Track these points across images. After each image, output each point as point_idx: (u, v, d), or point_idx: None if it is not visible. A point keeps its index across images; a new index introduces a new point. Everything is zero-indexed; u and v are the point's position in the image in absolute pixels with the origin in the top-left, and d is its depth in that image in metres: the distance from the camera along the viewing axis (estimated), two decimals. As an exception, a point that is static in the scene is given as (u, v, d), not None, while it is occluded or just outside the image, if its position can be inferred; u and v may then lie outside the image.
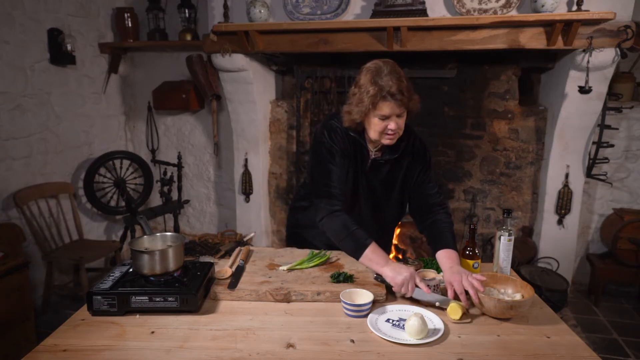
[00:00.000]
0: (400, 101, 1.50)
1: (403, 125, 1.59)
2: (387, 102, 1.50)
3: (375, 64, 1.55)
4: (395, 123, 1.54)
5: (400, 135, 1.61)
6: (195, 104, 3.81)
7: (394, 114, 1.52)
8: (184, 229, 4.26)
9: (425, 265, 1.64)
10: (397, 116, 1.54)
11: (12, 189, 2.95)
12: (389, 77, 1.49)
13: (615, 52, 2.72)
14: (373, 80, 1.50)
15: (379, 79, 1.49)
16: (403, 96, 1.49)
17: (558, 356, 1.19)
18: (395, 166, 1.72)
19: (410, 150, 1.72)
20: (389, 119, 1.54)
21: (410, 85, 1.54)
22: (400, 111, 1.53)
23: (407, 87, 1.51)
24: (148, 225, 1.59)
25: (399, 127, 1.56)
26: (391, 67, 1.53)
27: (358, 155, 1.69)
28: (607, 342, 2.82)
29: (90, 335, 1.27)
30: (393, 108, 1.51)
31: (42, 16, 3.12)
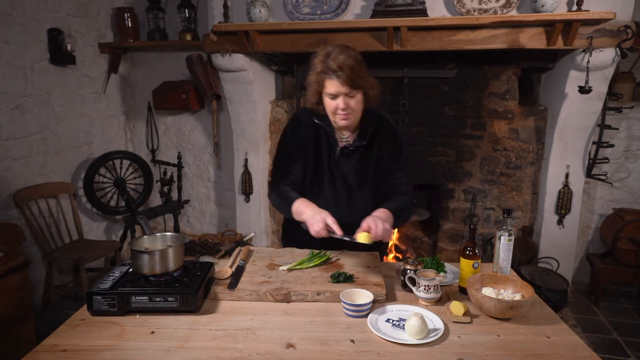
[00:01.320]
0: (343, 79, 1.52)
1: (356, 106, 1.60)
2: (332, 79, 1.53)
3: (328, 47, 1.59)
4: (344, 102, 1.56)
5: (357, 118, 1.64)
6: (195, 104, 3.81)
7: (340, 92, 1.55)
8: (184, 229, 4.26)
9: (425, 265, 1.64)
10: (347, 95, 1.56)
11: (12, 189, 2.95)
12: (336, 56, 1.53)
13: (615, 52, 2.72)
14: (321, 60, 1.56)
15: (326, 59, 1.54)
16: (344, 74, 1.51)
17: (558, 356, 1.19)
18: (366, 154, 1.72)
19: (381, 137, 1.71)
20: (338, 98, 1.56)
21: (360, 67, 1.56)
22: (346, 90, 1.55)
23: (353, 67, 1.53)
24: (148, 225, 1.59)
25: (349, 106, 1.57)
26: (342, 49, 1.57)
27: (324, 143, 1.72)
28: (607, 342, 2.82)
29: (90, 335, 1.27)
30: (338, 86, 1.53)
31: (42, 16, 3.12)
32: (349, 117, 1.61)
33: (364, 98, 1.62)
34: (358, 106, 1.61)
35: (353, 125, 1.67)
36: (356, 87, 1.56)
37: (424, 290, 1.44)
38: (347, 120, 1.61)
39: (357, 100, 1.59)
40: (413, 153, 3.45)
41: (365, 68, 1.59)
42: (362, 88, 1.59)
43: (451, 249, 3.58)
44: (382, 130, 1.72)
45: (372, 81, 1.61)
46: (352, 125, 1.67)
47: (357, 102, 1.60)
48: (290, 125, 1.78)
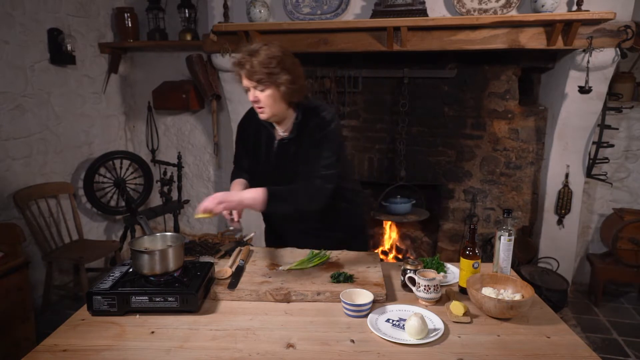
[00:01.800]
0: (246, 74, 1.58)
1: (268, 101, 1.62)
2: (242, 72, 1.60)
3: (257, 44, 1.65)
4: (254, 95, 1.62)
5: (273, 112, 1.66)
6: (195, 104, 3.81)
7: (247, 86, 1.62)
8: (184, 229, 4.26)
9: (426, 265, 1.64)
10: (255, 89, 1.61)
11: (12, 189, 2.95)
12: (245, 51, 1.60)
13: (615, 52, 2.72)
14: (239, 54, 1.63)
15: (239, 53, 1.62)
16: (246, 69, 1.57)
17: (558, 356, 1.19)
18: (299, 146, 1.74)
19: (310, 129, 1.71)
20: (250, 90, 1.63)
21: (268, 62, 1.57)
22: (250, 84, 1.60)
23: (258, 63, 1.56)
24: (148, 225, 1.59)
25: (259, 100, 1.62)
26: (260, 45, 1.62)
27: (264, 137, 1.80)
28: (607, 342, 2.82)
29: (90, 335, 1.27)
30: (245, 80, 1.61)
31: (42, 16, 3.12)
32: (264, 111, 1.65)
33: (277, 93, 1.63)
34: (269, 101, 1.63)
35: (274, 118, 1.70)
36: (258, 81, 1.59)
37: (424, 290, 1.44)
38: (262, 113, 1.66)
39: (267, 95, 1.62)
40: (413, 153, 3.46)
41: (278, 65, 1.59)
42: (269, 84, 1.60)
43: (451, 249, 3.58)
44: (312, 122, 1.71)
45: (284, 77, 1.60)
46: (273, 119, 1.71)
47: (267, 97, 1.62)
48: (241, 121, 1.92)
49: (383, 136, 3.53)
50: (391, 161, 3.53)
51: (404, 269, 1.54)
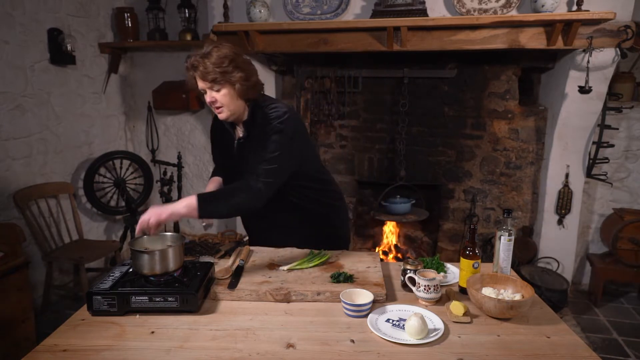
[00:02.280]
0: (199, 76, 1.60)
1: (225, 100, 1.64)
2: (193, 75, 1.63)
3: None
4: (210, 96, 1.64)
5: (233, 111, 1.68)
6: (195, 104, 3.81)
7: (204, 87, 1.63)
8: (184, 229, 4.26)
9: (426, 265, 1.64)
10: (212, 89, 1.63)
11: (12, 189, 2.95)
12: (196, 54, 1.61)
13: (615, 52, 2.72)
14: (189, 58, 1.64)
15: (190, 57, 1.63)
16: (200, 71, 1.59)
17: (558, 356, 1.19)
18: (252, 145, 1.74)
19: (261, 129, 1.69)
20: (206, 92, 1.64)
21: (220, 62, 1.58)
22: (204, 85, 1.62)
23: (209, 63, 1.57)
24: (148, 225, 1.59)
25: (216, 100, 1.63)
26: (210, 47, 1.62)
27: (227, 138, 1.82)
28: (607, 342, 2.82)
29: (90, 335, 1.27)
30: (199, 82, 1.63)
31: (42, 16, 3.12)
32: (222, 111, 1.67)
33: (233, 92, 1.64)
34: (226, 99, 1.64)
35: (233, 117, 1.71)
36: (215, 82, 1.61)
37: (424, 290, 1.44)
38: (221, 113, 1.68)
39: (223, 95, 1.63)
40: (413, 153, 3.46)
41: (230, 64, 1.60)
42: (222, 83, 1.61)
43: (451, 249, 3.58)
44: (261, 121, 1.70)
45: (238, 75, 1.62)
46: (232, 117, 1.72)
47: (223, 96, 1.64)
48: (212, 122, 1.95)
49: (383, 136, 3.53)
50: (391, 161, 3.53)
51: (404, 269, 1.54)
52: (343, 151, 3.64)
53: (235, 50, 1.66)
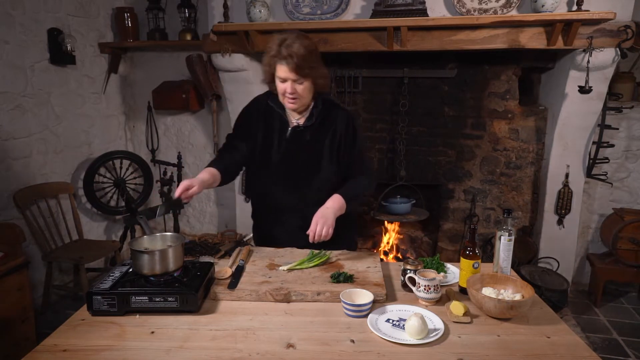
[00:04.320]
0: (292, 66, 1.61)
1: (304, 92, 1.68)
2: (282, 65, 1.63)
3: (285, 33, 1.69)
4: (292, 87, 1.66)
5: (304, 103, 1.73)
6: (195, 104, 3.81)
7: (288, 78, 1.64)
8: (184, 229, 4.26)
9: (426, 265, 1.64)
10: (295, 81, 1.65)
11: (12, 189, 2.95)
12: (290, 44, 1.62)
13: (615, 52, 2.72)
14: (276, 45, 1.65)
15: (280, 44, 1.63)
16: (293, 62, 1.60)
17: (558, 356, 1.19)
18: (317, 134, 1.78)
19: (334, 121, 1.78)
20: (286, 82, 1.66)
21: (312, 57, 1.64)
22: (294, 76, 1.64)
23: (304, 56, 1.61)
24: (148, 225, 1.59)
25: (296, 92, 1.67)
26: (296, 37, 1.65)
27: (277, 124, 1.82)
28: (607, 342, 2.82)
29: (90, 335, 1.27)
30: (286, 72, 1.63)
31: (42, 16, 3.12)
32: (296, 102, 1.71)
33: (312, 85, 1.70)
34: (305, 92, 1.69)
35: (300, 108, 1.76)
36: (304, 75, 1.64)
37: (424, 290, 1.44)
38: (294, 104, 1.71)
39: (304, 87, 1.68)
40: (413, 153, 3.46)
41: (316, 58, 1.68)
42: (310, 77, 1.67)
43: (451, 249, 3.58)
44: (334, 115, 1.79)
45: (322, 71, 1.71)
46: (300, 109, 1.76)
47: (304, 89, 1.68)
48: (246, 106, 1.92)
49: (383, 136, 3.53)
50: (391, 161, 3.53)
51: (404, 269, 1.54)
52: (343, 151, 3.64)
53: (315, 43, 1.71)
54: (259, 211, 1.99)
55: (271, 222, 1.92)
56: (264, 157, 1.83)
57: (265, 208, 1.93)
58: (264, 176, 1.85)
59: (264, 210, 1.95)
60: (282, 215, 1.86)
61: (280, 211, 1.86)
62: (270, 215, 1.91)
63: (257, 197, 1.96)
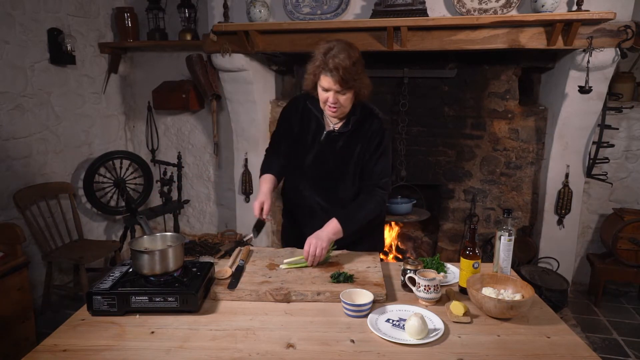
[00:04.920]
0: (337, 79, 1.60)
1: (346, 102, 1.68)
2: (326, 76, 1.62)
3: (331, 42, 1.68)
4: (334, 98, 1.65)
5: (344, 112, 1.73)
6: (195, 104, 3.81)
7: (332, 88, 1.64)
8: (184, 229, 4.26)
9: (426, 265, 1.64)
10: (338, 92, 1.64)
11: (12, 189, 2.95)
12: (335, 54, 1.61)
13: (615, 52, 2.72)
14: (322, 55, 1.64)
15: (327, 54, 1.63)
16: (338, 74, 1.59)
17: (558, 356, 1.19)
18: (349, 141, 1.79)
19: (366, 129, 1.78)
20: (329, 92, 1.65)
21: (357, 68, 1.63)
22: (338, 88, 1.63)
23: (349, 69, 1.60)
24: (148, 225, 1.59)
25: (338, 102, 1.66)
26: (342, 47, 1.64)
27: (313, 125, 1.83)
28: (607, 342, 2.82)
29: (90, 335, 1.27)
30: (330, 83, 1.62)
31: (42, 16, 3.12)
32: (337, 111, 1.70)
33: (354, 96, 1.70)
34: (347, 102, 1.69)
35: (341, 116, 1.76)
36: (348, 87, 1.64)
37: (424, 290, 1.44)
38: (335, 113, 1.72)
39: (347, 97, 1.67)
40: (413, 153, 3.45)
41: (361, 69, 1.66)
42: (354, 88, 1.66)
43: (451, 249, 3.58)
44: (369, 123, 1.78)
45: (366, 82, 1.69)
46: (340, 116, 1.76)
47: (346, 99, 1.68)
48: (286, 106, 1.95)
49: (383, 136, 3.53)
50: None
51: (404, 269, 1.54)
52: (343, 151, 3.64)
53: (359, 52, 1.68)
54: (290, 209, 2.02)
55: (301, 221, 1.95)
56: (297, 157, 1.87)
57: (296, 207, 1.97)
58: (297, 175, 1.89)
59: (295, 209, 1.98)
60: (311, 215, 1.88)
61: (310, 211, 1.89)
62: (300, 215, 1.95)
63: (289, 196, 1.99)
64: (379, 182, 1.78)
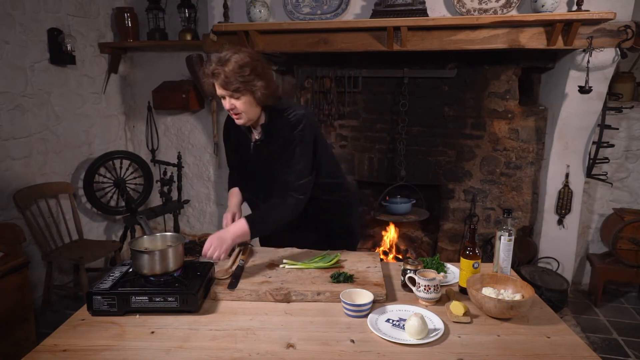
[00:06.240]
0: (220, 84, 1.61)
1: (244, 107, 1.66)
2: (214, 83, 1.63)
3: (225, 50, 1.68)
4: (230, 103, 1.65)
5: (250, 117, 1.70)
6: (195, 104, 3.81)
7: (223, 94, 1.64)
8: (184, 229, 4.26)
9: (426, 265, 1.64)
10: (231, 97, 1.63)
11: (12, 189, 2.95)
12: (216, 61, 1.63)
13: (615, 52, 2.72)
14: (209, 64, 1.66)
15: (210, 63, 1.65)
16: (220, 79, 1.59)
17: (558, 356, 1.19)
18: (269, 149, 1.79)
19: (277, 132, 1.76)
20: (225, 99, 1.65)
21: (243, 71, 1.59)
22: (225, 92, 1.63)
23: (232, 72, 1.58)
24: (148, 225, 1.59)
25: (235, 107, 1.65)
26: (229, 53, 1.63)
27: (242, 139, 1.86)
28: (607, 342, 2.82)
29: (90, 335, 1.27)
30: (219, 89, 1.63)
31: (42, 16, 3.12)
32: (240, 117, 1.70)
33: (253, 99, 1.66)
34: (246, 107, 1.66)
35: (250, 122, 1.75)
36: (234, 90, 1.61)
37: (424, 290, 1.44)
38: (239, 119, 1.70)
39: (243, 102, 1.65)
40: (413, 153, 3.45)
41: (251, 71, 1.61)
42: (245, 91, 1.63)
43: (451, 249, 3.58)
44: (276, 127, 1.76)
45: (259, 84, 1.64)
46: (249, 123, 1.75)
47: (243, 104, 1.65)
48: (224, 123, 1.96)
49: (383, 136, 3.53)
50: (391, 161, 3.53)
51: (404, 269, 1.54)
52: (343, 151, 3.64)
53: (255, 56, 1.66)
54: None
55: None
56: (239, 169, 1.95)
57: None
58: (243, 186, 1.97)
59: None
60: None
61: None
62: None
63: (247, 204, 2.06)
64: (293, 185, 1.72)
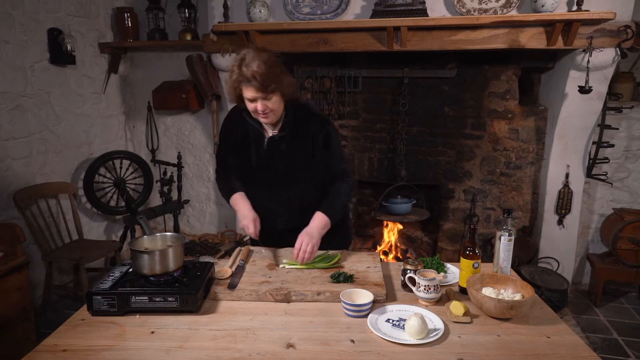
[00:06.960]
0: (257, 86, 1.60)
1: (275, 106, 1.67)
2: (247, 87, 1.62)
3: (242, 51, 1.66)
4: (263, 105, 1.64)
5: (277, 115, 1.72)
6: (195, 104, 3.81)
7: (256, 97, 1.63)
8: (184, 229, 4.26)
9: (426, 265, 1.64)
10: (264, 99, 1.63)
11: (12, 189, 2.95)
12: (249, 63, 1.60)
13: (615, 52, 2.72)
14: (237, 67, 1.63)
15: (240, 66, 1.62)
16: (258, 82, 1.58)
17: (558, 356, 1.19)
18: (293, 144, 1.78)
19: (308, 130, 1.77)
20: (255, 101, 1.64)
21: (274, 71, 1.62)
22: (261, 95, 1.62)
23: (266, 73, 1.59)
24: (148, 225, 1.59)
25: (267, 108, 1.65)
26: (254, 54, 1.62)
27: (252, 135, 1.83)
28: (607, 342, 2.82)
29: (90, 335, 1.27)
30: (253, 92, 1.62)
31: (42, 16, 3.12)
32: (269, 116, 1.70)
33: (281, 97, 1.69)
34: (276, 105, 1.68)
35: (275, 120, 1.75)
36: (271, 91, 1.63)
37: (424, 290, 1.44)
38: (267, 119, 1.71)
39: (274, 101, 1.66)
40: (413, 153, 3.46)
41: (279, 69, 1.65)
42: (278, 90, 1.65)
43: (451, 249, 3.58)
44: (308, 123, 1.78)
45: (287, 80, 1.68)
46: (275, 120, 1.75)
47: (274, 103, 1.67)
48: (224, 122, 1.93)
49: (383, 136, 3.53)
50: (391, 161, 3.53)
51: (404, 269, 1.54)
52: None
53: (272, 52, 1.68)
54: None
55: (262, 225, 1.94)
56: (245, 168, 1.89)
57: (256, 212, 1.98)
58: (250, 185, 1.90)
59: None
60: (269, 219, 1.88)
61: (267, 216, 1.89)
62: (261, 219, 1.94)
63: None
64: (342, 169, 1.82)
